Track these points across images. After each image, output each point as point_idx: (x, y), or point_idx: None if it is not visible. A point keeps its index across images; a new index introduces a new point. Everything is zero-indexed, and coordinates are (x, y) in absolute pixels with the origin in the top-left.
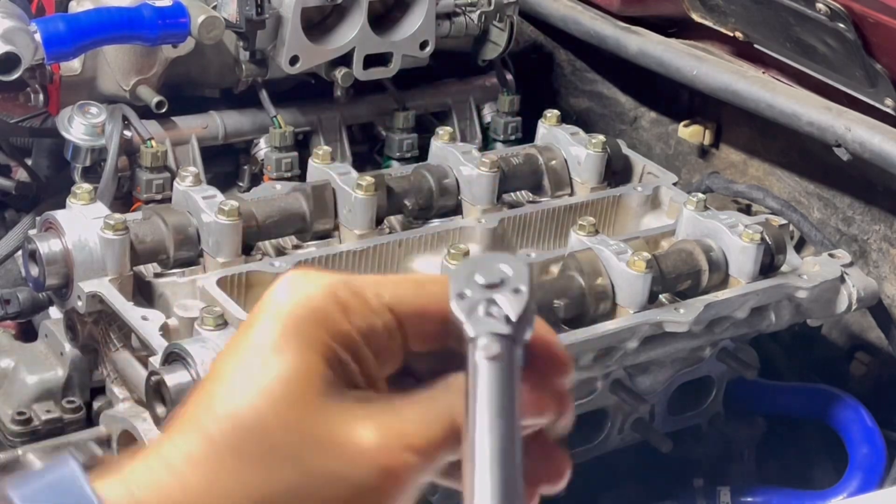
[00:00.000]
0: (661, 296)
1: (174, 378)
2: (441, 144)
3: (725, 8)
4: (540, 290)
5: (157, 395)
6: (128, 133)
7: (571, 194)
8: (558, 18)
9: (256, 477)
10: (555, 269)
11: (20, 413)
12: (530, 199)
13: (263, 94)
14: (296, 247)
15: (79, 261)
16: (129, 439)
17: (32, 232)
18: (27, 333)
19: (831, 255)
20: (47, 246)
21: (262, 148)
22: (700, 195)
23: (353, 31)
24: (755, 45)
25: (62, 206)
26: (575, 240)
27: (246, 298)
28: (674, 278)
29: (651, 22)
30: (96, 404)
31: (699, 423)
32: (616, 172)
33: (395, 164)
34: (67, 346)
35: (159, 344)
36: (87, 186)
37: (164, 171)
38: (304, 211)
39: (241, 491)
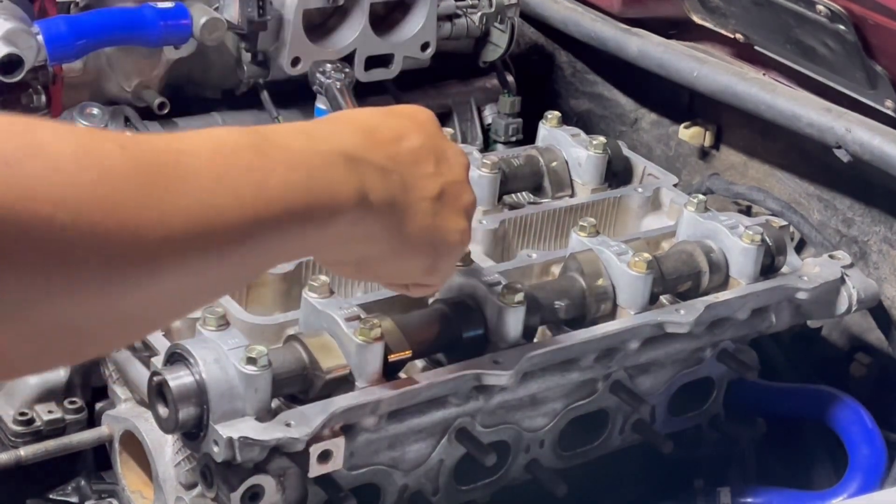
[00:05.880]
0: (661, 297)
1: (176, 379)
2: None
3: (726, 10)
4: (541, 291)
5: (159, 396)
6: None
7: (572, 195)
8: (559, 20)
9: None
10: (555, 270)
11: (22, 413)
12: (531, 200)
13: (265, 96)
14: None
15: None
16: (131, 440)
17: None
18: None
19: (831, 257)
20: None
21: None
22: (700, 196)
23: (354, 33)
24: (755, 47)
25: None
26: (576, 241)
27: (247, 298)
28: (674, 279)
29: (651, 24)
30: (98, 405)
31: (700, 424)
32: (616, 174)
33: None
34: None
35: (161, 344)
36: None
37: None
38: None
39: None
